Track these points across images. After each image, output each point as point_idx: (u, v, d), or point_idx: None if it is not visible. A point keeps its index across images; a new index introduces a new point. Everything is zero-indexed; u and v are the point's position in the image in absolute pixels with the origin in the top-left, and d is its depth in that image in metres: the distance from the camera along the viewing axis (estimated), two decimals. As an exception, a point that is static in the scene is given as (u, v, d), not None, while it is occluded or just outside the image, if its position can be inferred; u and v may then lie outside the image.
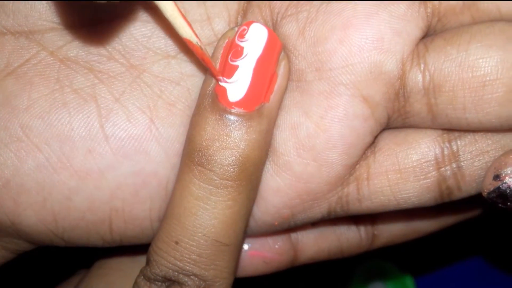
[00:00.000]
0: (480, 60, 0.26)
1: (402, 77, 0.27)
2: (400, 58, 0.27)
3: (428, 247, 0.49)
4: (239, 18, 0.28)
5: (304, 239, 0.34)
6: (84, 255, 0.35)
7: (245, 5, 0.28)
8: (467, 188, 0.29)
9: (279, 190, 0.29)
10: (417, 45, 0.27)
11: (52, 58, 0.28)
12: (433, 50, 0.27)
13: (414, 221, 0.36)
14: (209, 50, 0.28)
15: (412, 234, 0.36)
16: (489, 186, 0.27)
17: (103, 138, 0.28)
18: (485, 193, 0.27)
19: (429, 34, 0.28)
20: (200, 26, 0.28)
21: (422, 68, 0.27)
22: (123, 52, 0.28)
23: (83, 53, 0.28)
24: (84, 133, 0.28)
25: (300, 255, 0.34)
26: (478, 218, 0.37)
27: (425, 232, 0.36)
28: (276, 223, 0.30)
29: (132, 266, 0.33)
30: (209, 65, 0.26)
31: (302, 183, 0.28)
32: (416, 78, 0.27)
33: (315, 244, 0.34)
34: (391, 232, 0.36)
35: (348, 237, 0.35)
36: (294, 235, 0.34)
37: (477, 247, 0.54)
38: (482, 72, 0.26)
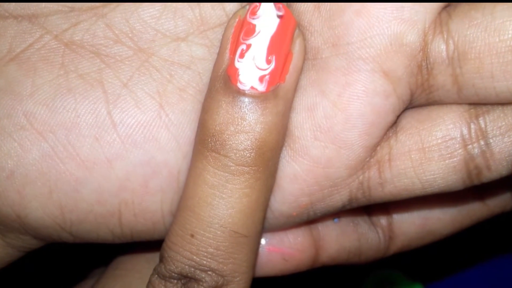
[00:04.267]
0: (507, 23, 0.25)
1: (424, 48, 0.26)
2: (422, 28, 0.26)
3: (438, 255, 0.48)
4: None
5: (326, 236, 0.33)
6: (99, 255, 0.34)
7: None
8: (497, 167, 0.27)
9: (296, 177, 0.28)
10: (439, 13, 0.26)
11: (56, 42, 0.27)
12: (456, 16, 0.26)
13: (431, 222, 0.34)
14: (220, 31, 0.27)
15: (428, 237, 0.35)
16: None
17: (111, 125, 0.27)
18: None
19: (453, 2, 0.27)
20: (211, 6, 0.27)
21: (445, 36, 0.26)
22: (130, 35, 0.27)
23: (88, 36, 0.27)
24: (90, 120, 0.27)
25: (322, 253, 0.33)
26: (489, 223, 0.36)
27: (441, 235, 0.35)
28: (295, 214, 0.29)
29: (148, 266, 0.32)
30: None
31: (321, 168, 0.27)
32: (439, 47, 0.26)
33: (337, 242, 0.33)
34: (407, 234, 0.34)
35: (368, 238, 0.34)
36: (315, 231, 0.33)
37: (488, 254, 0.53)
38: (509, 35, 0.25)
